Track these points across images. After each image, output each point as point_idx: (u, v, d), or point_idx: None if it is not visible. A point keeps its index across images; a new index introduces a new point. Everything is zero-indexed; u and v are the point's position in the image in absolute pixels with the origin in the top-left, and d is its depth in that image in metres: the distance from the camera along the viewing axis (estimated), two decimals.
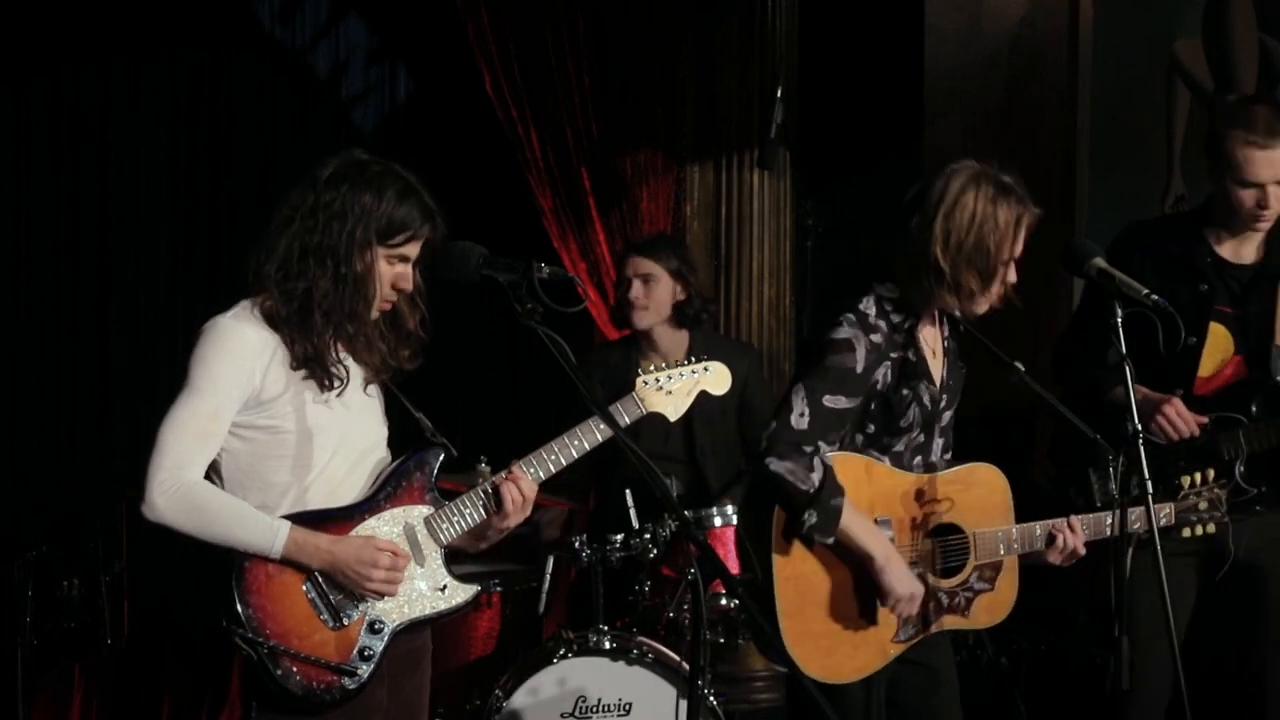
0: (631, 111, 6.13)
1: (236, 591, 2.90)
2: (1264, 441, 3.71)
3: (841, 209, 6.30)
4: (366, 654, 2.97)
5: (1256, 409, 3.73)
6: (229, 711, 5.94)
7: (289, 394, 2.98)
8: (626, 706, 4.22)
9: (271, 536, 2.91)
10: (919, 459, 3.36)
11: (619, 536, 4.32)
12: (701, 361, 3.29)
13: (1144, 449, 3.16)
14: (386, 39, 6.97)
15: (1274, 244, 3.81)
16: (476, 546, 3.17)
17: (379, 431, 3.15)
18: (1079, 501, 3.62)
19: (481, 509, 3.08)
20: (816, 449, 3.15)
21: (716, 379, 3.30)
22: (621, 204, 6.11)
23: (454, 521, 3.07)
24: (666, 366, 3.28)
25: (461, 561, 3.24)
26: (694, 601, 2.83)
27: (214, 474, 3.00)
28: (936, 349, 3.40)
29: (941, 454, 3.42)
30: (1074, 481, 3.74)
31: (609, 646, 4.23)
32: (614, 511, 4.47)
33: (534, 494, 3.08)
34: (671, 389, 3.25)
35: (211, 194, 6.86)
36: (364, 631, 2.98)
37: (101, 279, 6.81)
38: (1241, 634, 3.81)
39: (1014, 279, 3.26)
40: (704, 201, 6.21)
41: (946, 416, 3.42)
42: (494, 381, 6.88)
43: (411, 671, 3.13)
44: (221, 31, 6.82)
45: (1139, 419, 3.21)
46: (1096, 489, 3.59)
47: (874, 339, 3.25)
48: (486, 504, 3.07)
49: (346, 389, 3.03)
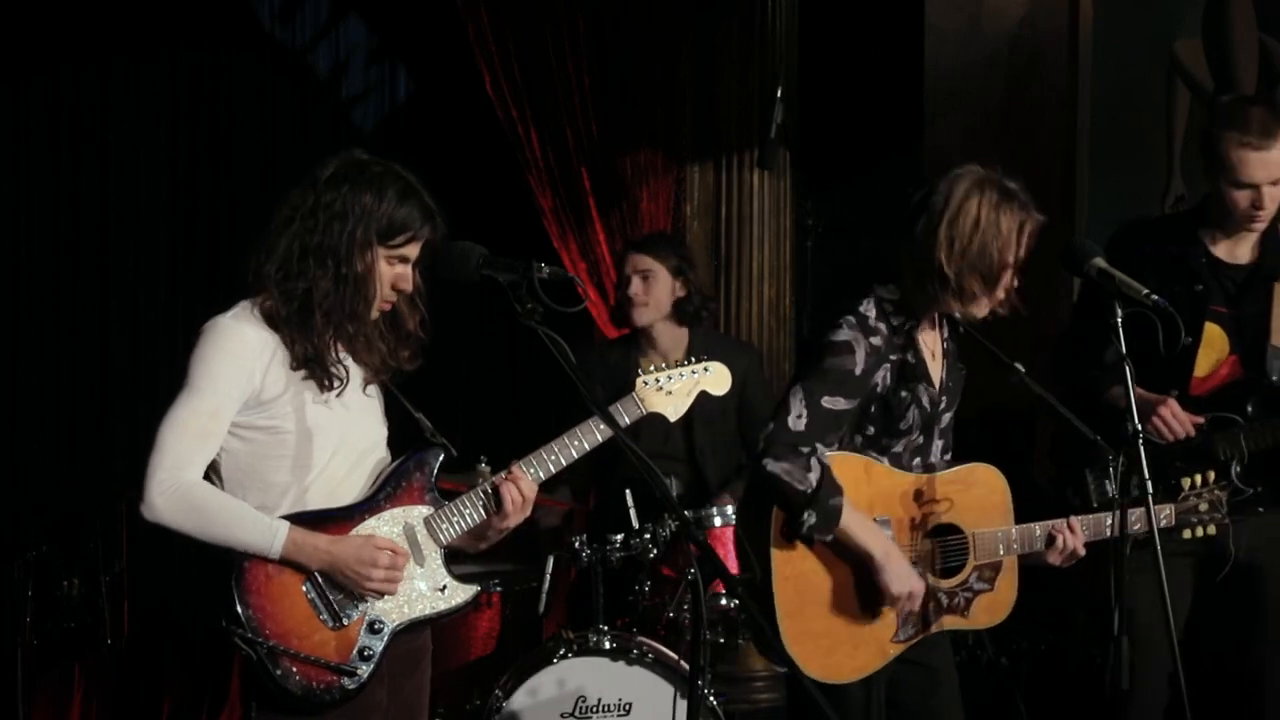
0: (631, 111, 6.13)
1: (236, 591, 2.90)
2: (1261, 442, 3.72)
3: (841, 209, 6.29)
4: (366, 654, 2.97)
5: (1252, 409, 3.73)
6: (229, 711, 5.94)
7: (289, 394, 2.98)
8: (626, 706, 4.22)
9: (270, 537, 2.91)
10: (918, 460, 3.36)
11: (619, 536, 4.32)
12: (701, 362, 3.29)
13: (1144, 449, 3.16)
14: (386, 39, 6.96)
15: (1269, 244, 3.81)
16: (476, 547, 3.17)
17: (379, 431, 3.14)
18: (1075, 502, 3.62)
19: (481, 509, 3.08)
20: (813, 449, 3.15)
21: (717, 379, 3.30)
22: (621, 204, 6.11)
23: (454, 522, 3.07)
24: (666, 367, 3.27)
25: (461, 561, 3.24)
26: (694, 601, 2.82)
27: (214, 474, 3.00)
28: (936, 351, 3.40)
29: (941, 455, 3.42)
30: (1071, 482, 3.74)
31: (609, 646, 4.23)
32: (614, 511, 4.47)
33: (534, 494, 3.08)
34: (672, 389, 3.25)
35: (211, 194, 6.86)
36: (363, 631, 2.98)
37: (101, 279, 6.81)
38: (1239, 634, 3.80)
39: (1016, 284, 3.26)
40: (704, 201, 6.21)
41: (946, 418, 3.42)
42: (494, 381, 6.87)
43: (411, 671, 3.13)
44: (221, 31, 6.81)
45: (1128, 421, 3.22)
46: (1093, 490, 3.59)
47: (874, 341, 3.25)
48: (486, 504, 3.07)
49: (346, 389, 3.03)
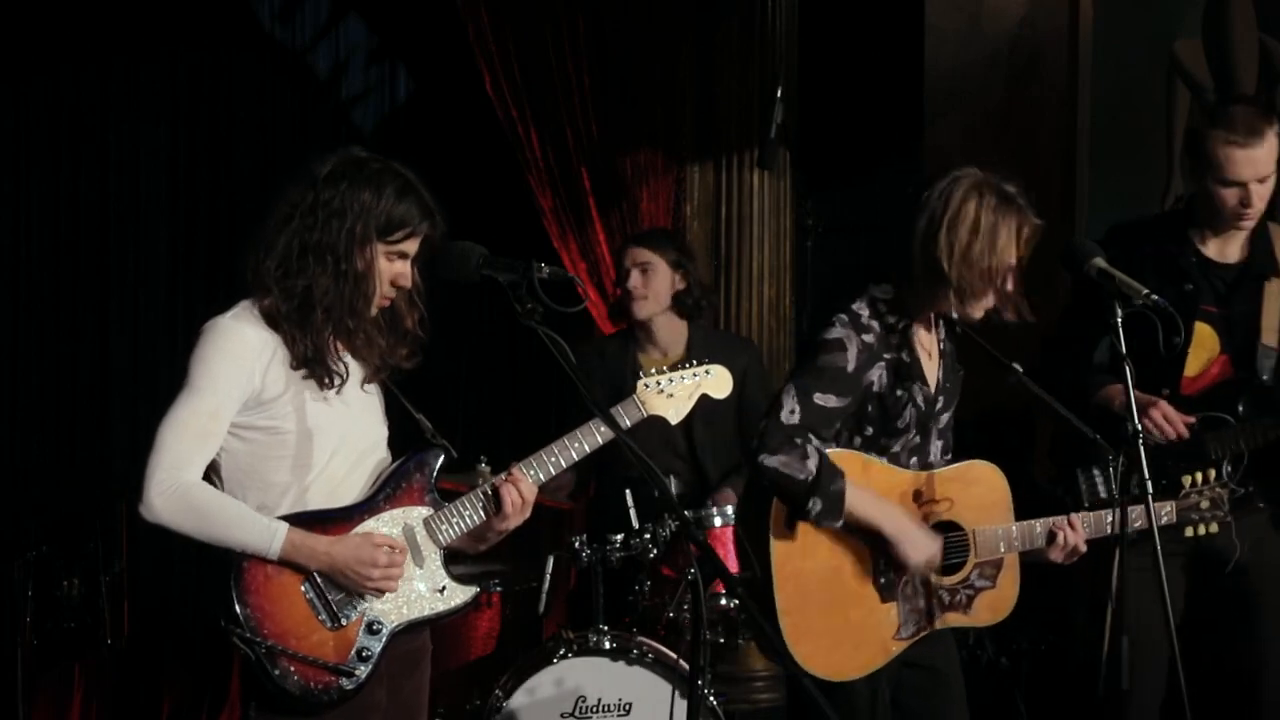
0: (631, 111, 6.12)
1: (235, 591, 2.90)
2: (1252, 441, 3.71)
3: (841, 209, 6.29)
4: (364, 655, 2.97)
5: (1243, 408, 3.73)
6: (229, 711, 5.94)
7: (289, 394, 2.98)
8: (626, 706, 4.22)
9: (269, 538, 2.91)
10: (915, 460, 3.36)
11: (619, 536, 4.32)
12: (703, 364, 3.29)
13: (1144, 449, 3.16)
14: (386, 39, 6.96)
15: (1258, 243, 3.81)
16: (475, 548, 3.16)
17: (379, 431, 3.14)
18: (1067, 501, 3.62)
19: (481, 511, 3.07)
20: (807, 439, 3.15)
21: (718, 382, 3.29)
22: (621, 204, 6.11)
23: (453, 523, 3.07)
24: (668, 369, 3.27)
25: (461, 562, 3.24)
26: (694, 601, 2.82)
27: (214, 474, 2.99)
28: (932, 351, 3.40)
29: (940, 455, 3.42)
30: (1062, 482, 3.74)
31: (609, 646, 4.23)
32: (614, 511, 4.47)
33: (534, 496, 3.07)
34: (673, 392, 3.24)
35: (211, 194, 6.86)
36: (362, 632, 2.98)
37: (101, 279, 6.81)
38: (1233, 633, 3.80)
39: (1013, 286, 3.27)
40: (704, 201, 6.20)
41: (944, 418, 3.42)
42: (494, 381, 6.87)
43: (411, 672, 3.13)
44: (221, 31, 6.81)
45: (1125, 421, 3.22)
46: (1084, 490, 3.58)
47: (866, 339, 3.26)
48: (486, 506, 3.07)
49: (346, 386, 3.03)
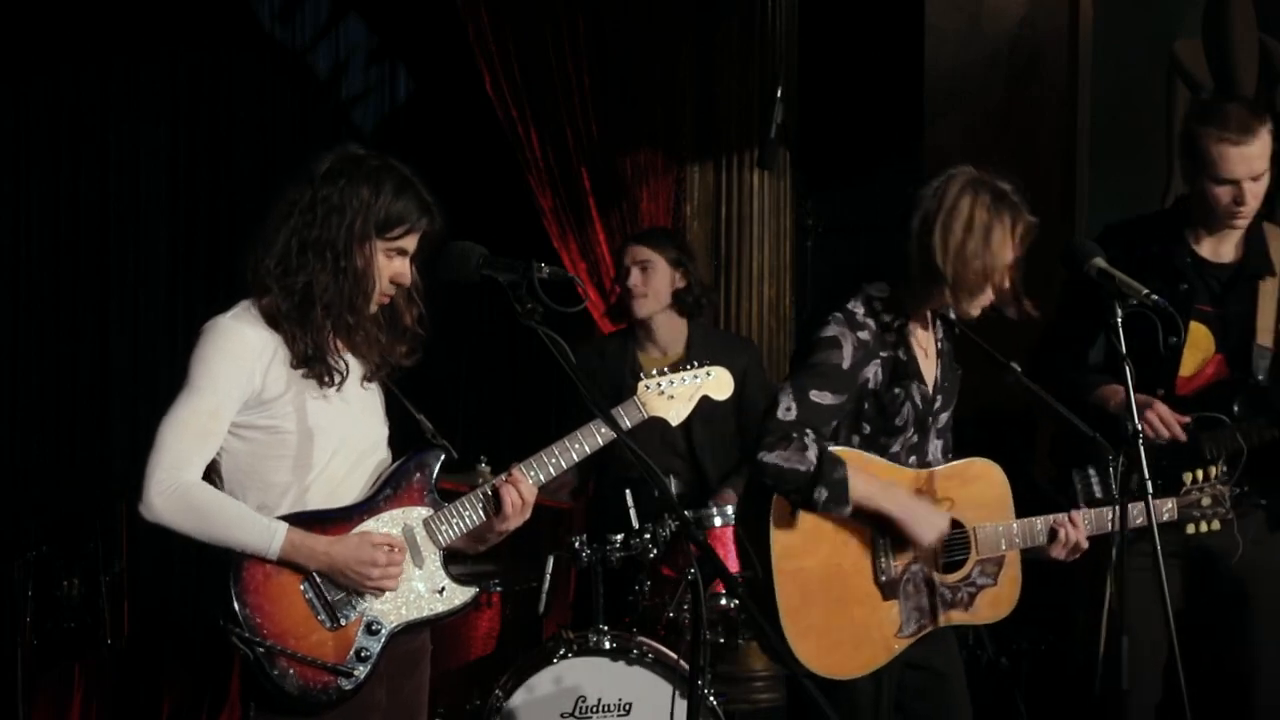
0: (631, 111, 6.12)
1: (234, 590, 2.90)
2: (1248, 442, 3.70)
3: (841, 209, 6.29)
4: (363, 655, 2.97)
5: (1239, 408, 3.72)
6: (229, 711, 5.95)
7: (290, 393, 2.98)
8: (626, 706, 4.22)
9: (269, 538, 2.91)
10: (914, 459, 3.37)
11: (619, 536, 4.32)
12: (704, 365, 3.28)
13: (1144, 449, 3.16)
14: (386, 39, 6.96)
15: (1253, 242, 3.80)
16: (475, 548, 3.16)
17: (379, 431, 3.14)
18: (1061, 501, 3.61)
19: (481, 511, 3.07)
20: (805, 434, 3.16)
21: (719, 384, 3.29)
22: (621, 204, 6.11)
23: (453, 523, 3.07)
24: (669, 370, 3.26)
25: (461, 562, 3.24)
26: (694, 601, 2.83)
27: (214, 474, 2.99)
28: (929, 350, 3.41)
29: (941, 455, 3.42)
30: (1059, 483, 3.73)
31: (609, 646, 4.23)
32: (614, 511, 4.47)
33: (534, 497, 3.07)
34: (673, 393, 3.24)
35: (211, 194, 6.85)
36: (361, 632, 2.98)
37: (101, 279, 6.80)
38: (1227, 636, 3.79)
39: (1008, 284, 3.27)
40: (704, 201, 6.20)
41: (943, 418, 3.43)
42: (494, 381, 6.86)
43: (410, 672, 3.13)
44: (221, 31, 6.81)
45: (1122, 422, 3.22)
46: (1080, 491, 3.57)
47: (861, 336, 3.26)
48: (486, 506, 3.07)
49: (346, 384, 3.02)
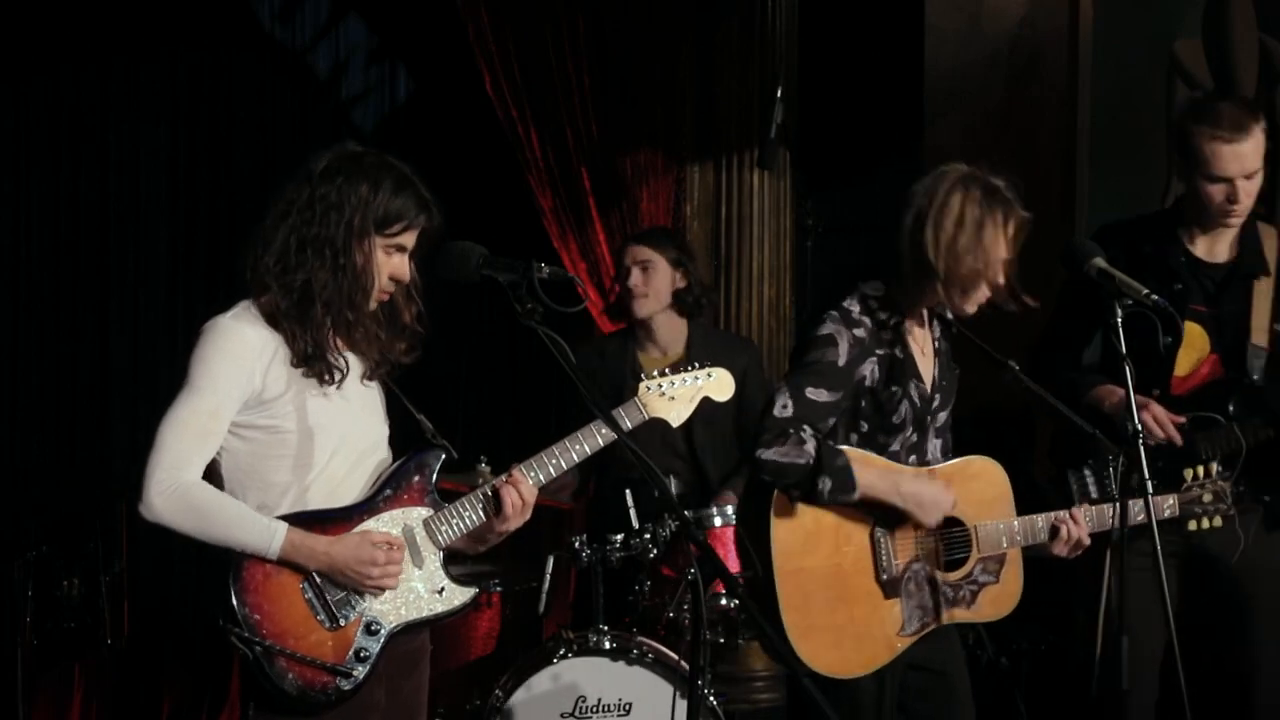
0: (631, 111, 6.12)
1: (233, 590, 2.90)
2: (1245, 441, 3.69)
3: (841, 209, 6.28)
4: (363, 655, 2.97)
5: (1234, 408, 3.71)
6: (229, 711, 5.95)
7: (290, 393, 2.98)
8: (626, 706, 4.22)
9: (269, 538, 2.91)
10: (914, 458, 3.37)
11: (619, 536, 4.32)
12: (705, 367, 3.28)
13: (1144, 448, 3.16)
14: (386, 39, 6.96)
15: (1247, 242, 3.80)
16: (475, 549, 3.16)
17: (379, 431, 3.14)
18: (1057, 502, 3.61)
19: (481, 512, 3.07)
20: (801, 429, 3.17)
21: (720, 385, 3.28)
22: (621, 204, 6.11)
23: (453, 524, 3.07)
24: (669, 371, 3.26)
25: (461, 562, 3.24)
26: (694, 601, 2.83)
27: (214, 473, 2.99)
28: (926, 348, 3.41)
29: (940, 454, 3.42)
30: (1055, 484, 3.73)
31: (609, 646, 4.23)
32: (614, 511, 4.47)
33: (534, 498, 3.07)
34: (674, 394, 3.23)
35: (211, 194, 6.86)
36: (360, 633, 2.98)
37: (101, 279, 6.80)
38: (1226, 636, 3.78)
39: (1003, 280, 3.27)
40: (704, 201, 6.20)
41: (942, 417, 3.43)
42: (494, 381, 6.87)
43: (410, 672, 3.13)
44: (221, 31, 6.81)
45: (1118, 423, 3.21)
46: (1075, 492, 3.57)
47: (857, 333, 3.27)
48: (486, 507, 3.07)
49: (346, 382, 3.02)
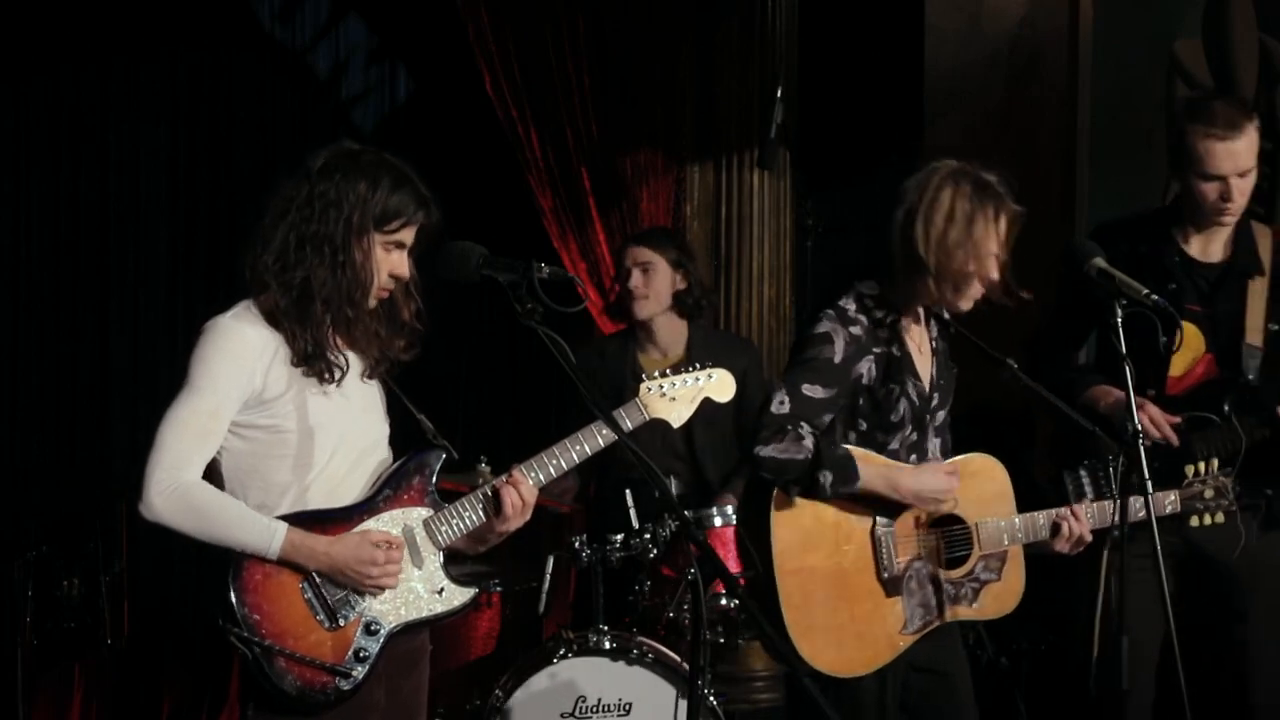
0: (631, 111, 6.12)
1: (233, 590, 2.90)
2: (1238, 441, 3.69)
3: (841, 209, 6.28)
4: (362, 655, 2.97)
5: (1229, 408, 3.70)
6: (229, 711, 5.94)
7: (291, 392, 2.98)
8: (626, 706, 4.21)
9: (269, 538, 2.91)
10: (914, 457, 3.37)
11: (619, 536, 4.32)
12: (706, 368, 3.28)
13: (1144, 448, 3.15)
14: (386, 39, 6.96)
15: (1241, 241, 3.79)
16: (475, 549, 3.16)
17: (380, 430, 3.14)
18: (1054, 501, 3.61)
19: (481, 512, 3.07)
20: (799, 426, 3.17)
21: (721, 386, 3.28)
22: (621, 204, 6.11)
23: (453, 524, 3.07)
24: (670, 372, 3.26)
25: (461, 562, 3.23)
26: (694, 601, 2.83)
27: (214, 473, 2.99)
28: (924, 347, 3.42)
29: (940, 454, 3.43)
30: (1052, 481, 3.73)
31: (609, 646, 4.23)
32: (614, 511, 4.47)
33: (534, 499, 3.07)
34: (675, 395, 3.23)
35: (211, 194, 6.85)
36: (360, 633, 2.97)
37: (101, 279, 6.80)
38: (1224, 636, 3.77)
39: (996, 275, 3.27)
40: (704, 201, 6.21)
41: (940, 416, 3.43)
42: (494, 381, 6.87)
43: (409, 671, 3.13)
44: (221, 31, 6.81)
45: (1115, 423, 3.21)
46: (1071, 492, 3.56)
47: (853, 331, 3.28)
48: (486, 507, 3.07)
49: (346, 379, 3.02)
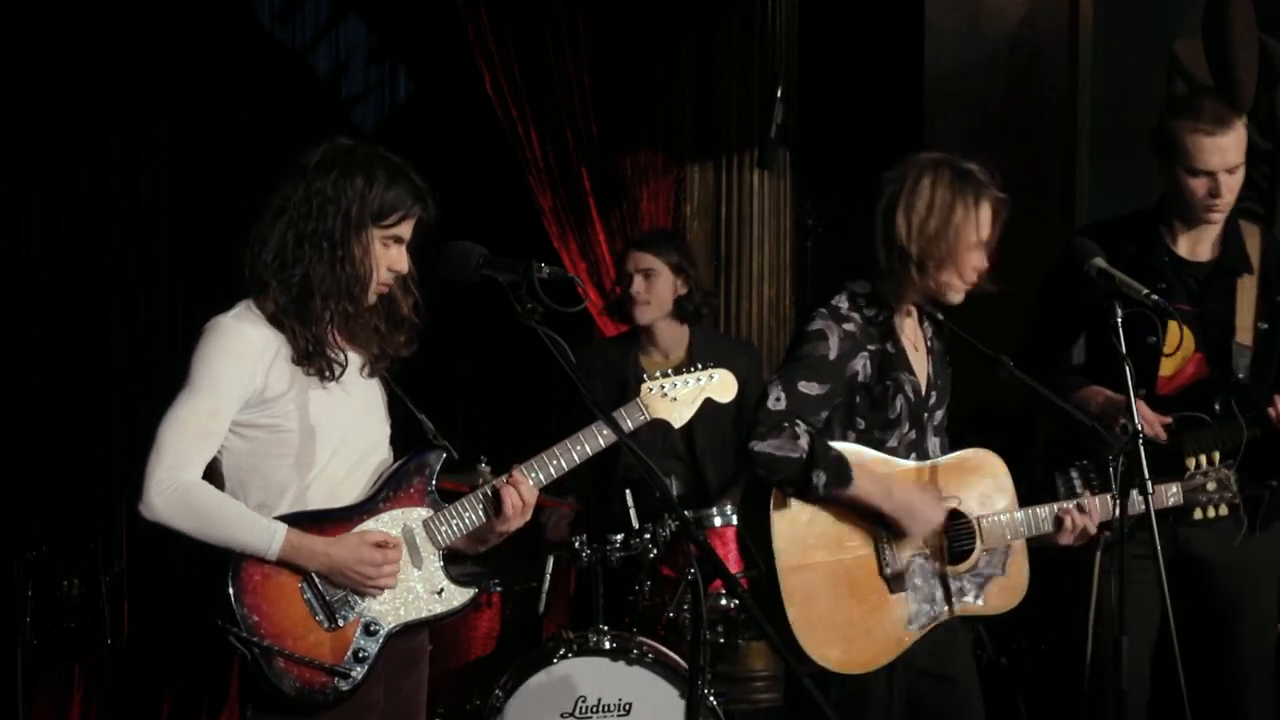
0: (631, 111, 6.12)
1: (232, 590, 2.90)
2: (1230, 440, 3.68)
3: (841, 209, 6.27)
4: (361, 655, 2.97)
5: (1219, 407, 3.69)
6: (229, 711, 5.94)
7: (292, 392, 2.97)
8: (626, 706, 4.21)
9: (269, 538, 2.91)
10: (914, 456, 3.37)
11: (619, 536, 4.32)
12: (707, 369, 3.27)
13: (1144, 448, 3.16)
14: (386, 39, 6.96)
15: (1229, 240, 3.78)
16: (475, 549, 3.16)
17: (380, 430, 3.14)
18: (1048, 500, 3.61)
19: (481, 512, 3.07)
20: (795, 423, 3.18)
21: (722, 387, 3.28)
22: (621, 204, 6.11)
23: (453, 524, 3.06)
24: (672, 372, 3.26)
25: (461, 562, 3.23)
26: (694, 601, 2.83)
27: (215, 473, 2.99)
28: (918, 345, 3.43)
29: (940, 453, 3.42)
30: (1044, 482, 3.73)
31: (609, 646, 4.23)
32: (614, 511, 4.47)
33: (534, 499, 3.07)
34: (677, 396, 3.23)
35: (211, 194, 6.86)
36: (359, 633, 2.97)
37: (101, 279, 6.81)
38: (1216, 634, 3.76)
39: (983, 264, 3.28)
40: (704, 201, 6.21)
41: (939, 414, 3.44)
42: (494, 381, 6.86)
43: (409, 672, 3.13)
44: (221, 31, 6.81)
45: (1104, 424, 3.21)
46: (1062, 493, 3.56)
47: (847, 328, 3.29)
48: (486, 507, 3.06)
49: (346, 375, 3.02)
